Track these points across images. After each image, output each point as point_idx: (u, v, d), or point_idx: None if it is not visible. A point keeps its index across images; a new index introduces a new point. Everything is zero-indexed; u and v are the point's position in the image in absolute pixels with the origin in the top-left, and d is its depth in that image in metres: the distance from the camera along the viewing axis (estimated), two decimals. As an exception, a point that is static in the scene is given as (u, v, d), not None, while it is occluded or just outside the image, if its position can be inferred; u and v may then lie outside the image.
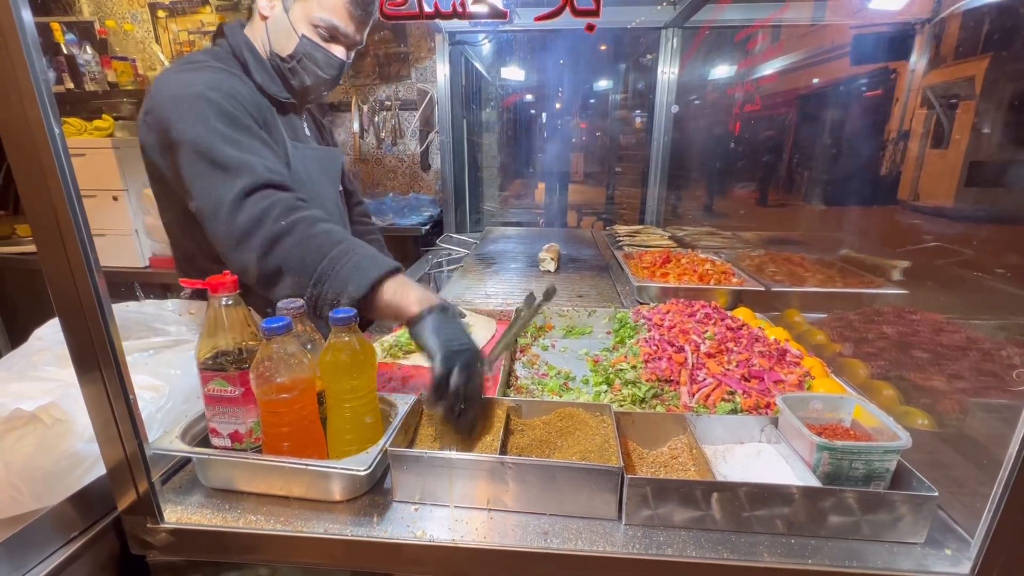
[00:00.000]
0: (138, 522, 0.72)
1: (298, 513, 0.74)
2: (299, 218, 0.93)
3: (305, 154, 1.24)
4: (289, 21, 1.13)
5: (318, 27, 1.13)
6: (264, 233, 0.91)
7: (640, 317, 1.34)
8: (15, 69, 0.53)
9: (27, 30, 0.53)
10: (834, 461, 0.73)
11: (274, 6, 1.14)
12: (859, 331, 1.22)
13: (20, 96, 0.54)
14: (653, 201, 2.89)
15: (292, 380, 0.73)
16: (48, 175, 0.57)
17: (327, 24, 1.13)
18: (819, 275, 1.66)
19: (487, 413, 0.86)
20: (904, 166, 1.71)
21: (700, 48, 2.83)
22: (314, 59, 1.16)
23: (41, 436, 0.70)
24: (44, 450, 0.70)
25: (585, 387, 1.09)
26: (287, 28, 1.14)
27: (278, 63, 1.18)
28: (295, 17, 1.13)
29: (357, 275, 0.89)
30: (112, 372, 0.65)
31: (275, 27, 1.15)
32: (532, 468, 0.73)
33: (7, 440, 0.69)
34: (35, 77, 0.54)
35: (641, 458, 0.86)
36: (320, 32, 1.14)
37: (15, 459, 0.69)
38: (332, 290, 0.89)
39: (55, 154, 0.57)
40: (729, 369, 0.99)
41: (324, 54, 1.16)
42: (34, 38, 0.54)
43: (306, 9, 1.12)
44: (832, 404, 0.86)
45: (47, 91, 0.55)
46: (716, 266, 1.71)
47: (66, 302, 0.62)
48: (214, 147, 0.95)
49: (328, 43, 1.16)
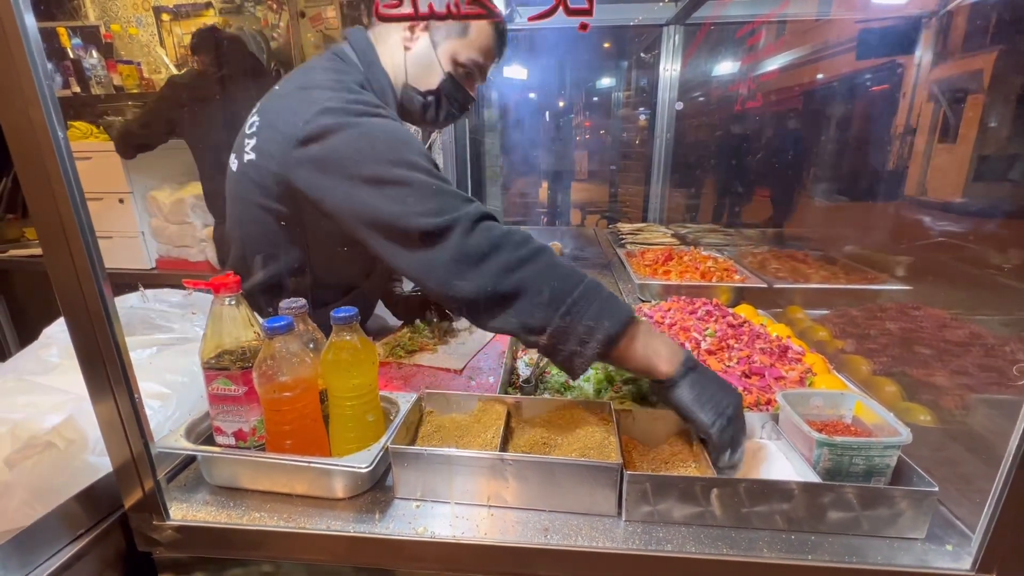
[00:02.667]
0: (144, 519, 0.73)
1: (301, 510, 0.75)
2: (540, 247, 0.83)
3: None
4: (436, 57, 1.08)
5: (462, 65, 1.09)
6: (505, 257, 0.80)
7: (642, 314, 1.34)
8: (19, 74, 0.54)
9: (30, 35, 0.54)
10: (834, 457, 0.73)
11: (417, 39, 1.08)
12: (862, 327, 1.21)
13: (24, 101, 0.55)
14: (656, 198, 2.89)
15: (294, 379, 0.74)
16: (53, 179, 0.58)
17: (473, 63, 1.09)
18: (822, 271, 1.65)
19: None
20: (911, 161, 1.70)
21: (702, 45, 2.82)
22: (453, 97, 1.12)
23: (56, 459, 0.72)
24: (59, 470, 0.72)
25: (587, 385, 1.09)
26: (432, 64, 1.08)
27: (412, 94, 1.12)
28: (442, 53, 1.08)
29: (613, 311, 0.79)
30: (118, 373, 0.66)
31: (416, 61, 1.09)
32: (532, 465, 0.73)
33: (25, 466, 0.71)
34: (39, 82, 0.55)
35: (641, 455, 0.86)
36: (459, 71, 1.10)
37: (32, 481, 0.70)
38: (585, 322, 0.78)
39: (59, 158, 0.57)
40: (730, 366, 0.99)
41: (463, 93, 1.13)
42: (37, 43, 0.55)
43: (455, 48, 1.07)
44: (833, 400, 0.86)
45: (51, 95, 0.56)
46: (718, 263, 1.70)
47: (71, 304, 0.63)
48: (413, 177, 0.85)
49: (465, 81, 1.12)
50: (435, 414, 0.91)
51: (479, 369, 1.18)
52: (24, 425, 0.71)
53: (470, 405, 0.91)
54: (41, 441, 0.70)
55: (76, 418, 0.73)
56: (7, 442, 0.69)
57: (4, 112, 0.56)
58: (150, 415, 0.85)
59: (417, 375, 1.16)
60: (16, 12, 0.52)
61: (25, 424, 0.71)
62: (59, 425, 0.72)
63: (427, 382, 1.13)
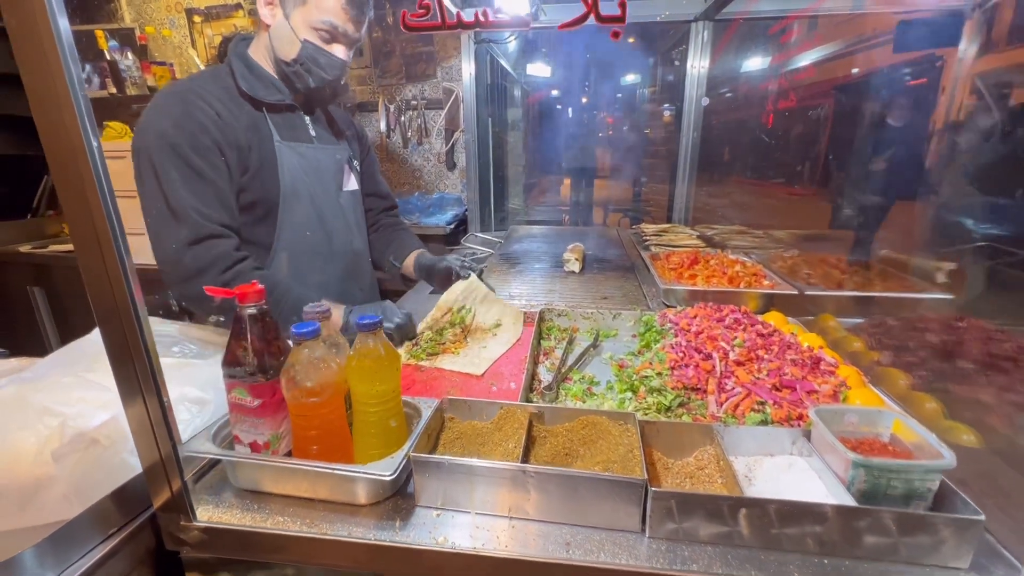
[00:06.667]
0: (172, 519, 0.75)
1: (323, 515, 0.76)
2: (240, 270, 1.13)
3: (300, 152, 1.31)
4: (290, 27, 1.19)
5: (319, 30, 1.18)
6: (209, 280, 1.08)
7: (667, 321, 1.31)
8: (53, 78, 0.55)
9: (64, 39, 0.55)
10: (871, 479, 0.70)
11: (275, 15, 1.20)
12: (899, 338, 1.16)
13: (59, 104, 0.56)
14: (681, 198, 2.83)
15: (320, 385, 0.75)
16: (87, 186, 0.59)
17: (327, 25, 1.17)
18: (856, 277, 1.59)
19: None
20: (951, 159, 1.62)
21: (732, 41, 2.75)
22: (316, 62, 1.21)
23: (99, 455, 0.74)
24: (100, 467, 0.74)
25: (609, 393, 1.07)
26: (289, 34, 1.19)
27: (283, 68, 1.24)
28: (296, 23, 1.18)
29: (294, 314, 1.06)
30: (147, 375, 0.67)
31: (278, 34, 1.21)
32: (554, 477, 0.72)
33: (70, 459, 0.73)
34: (72, 85, 0.56)
35: (666, 468, 0.84)
36: (321, 35, 1.19)
37: (74, 476, 0.73)
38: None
39: (92, 165, 0.59)
40: (759, 378, 0.96)
41: (326, 56, 1.21)
42: (71, 47, 0.56)
43: (305, 14, 1.17)
44: (869, 417, 0.82)
45: (84, 99, 0.57)
46: (746, 268, 1.66)
47: (103, 308, 0.64)
48: (168, 190, 1.10)
49: (329, 44, 1.21)
50: (456, 421, 0.91)
51: (500, 374, 1.17)
52: (74, 420, 0.73)
53: (491, 412, 0.90)
54: (87, 438, 0.72)
55: (119, 418, 0.75)
56: (57, 435, 0.72)
57: (39, 117, 0.57)
58: (188, 419, 0.87)
59: (438, 379, 1.16)
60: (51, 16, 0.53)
61: (75, 419, 0.74)
62: (104, 423, 0.74)
63: (448, 386, 1.13)
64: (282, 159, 1.27)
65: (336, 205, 1.43)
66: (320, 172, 1.37)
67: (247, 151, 1.21)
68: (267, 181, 1.25)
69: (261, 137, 1.24)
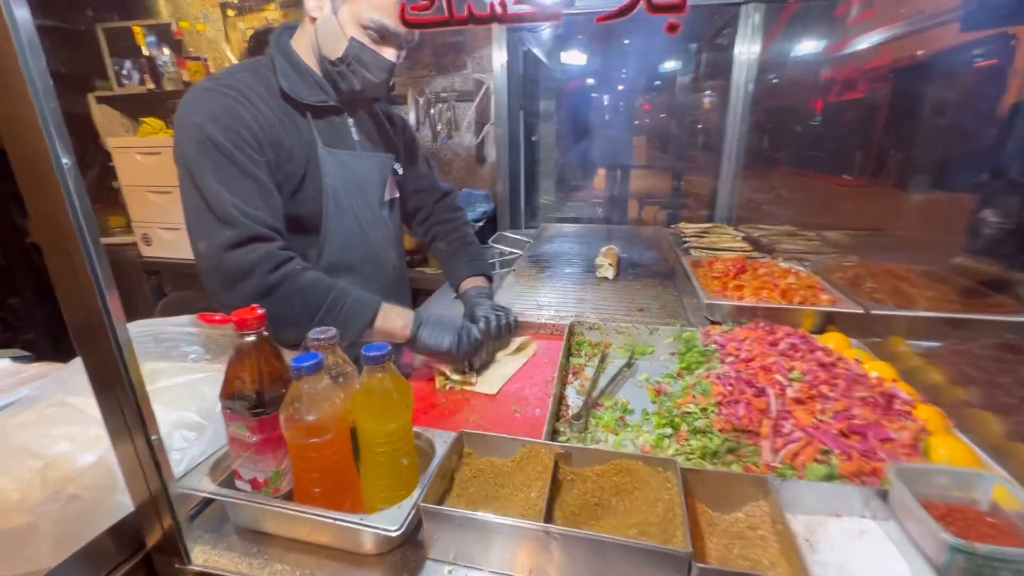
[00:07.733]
0: (166, 562, 0.70)
1: (325, 564, 0.69)
2: (288, 272, 1.03)
3: (342, 160, 1.20)
4: (338, 23, 1.08)
5: (368, 28, 1.07)
6: (253, 284, 0.99)
7: (711, 340, 1.18)
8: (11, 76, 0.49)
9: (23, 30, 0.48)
10: (972, 568, 0.57)
11: (323, 7, 1.09)
12: (987, 372, 1.00)
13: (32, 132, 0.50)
14: (725, 195, 2.64)
15: (322, 424, 0.67)
16: (59, 214, 0.53)
17: (377, 25, 1.06)
18: (929, 291, 1.41)
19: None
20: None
21: (787, 24, 2.53)
22: (363, 62, 1.10)
23: (81, 509, 0.69)
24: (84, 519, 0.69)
25: (646, 425, 0.96)
26: (336, 30, 1.09)
27: (328, 67, 1.13)
28: (344, 19, 1.07)
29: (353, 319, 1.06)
30: (134, 411, 0.61)
31: (324, 29, 1.10)
32: (581, 541, 0.63)
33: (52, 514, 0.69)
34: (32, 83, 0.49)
35: (711, 524, 0.73)
36: (370, 33, 1.08)
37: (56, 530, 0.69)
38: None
39: (66, 191, 0.52)
40: (823, 420, 0.83)
41: (374, 56, 1.10)
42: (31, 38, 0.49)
43: (355, 10, 1.06)
44: (963, 481, 0.69)
45: (52, 112, 0.51)
46: (801, 279, 1.49)
47: (87, 344, 0.58)
48: (207, 188, 1.00)
49: (378, 45, 1.10)
50: (474, 456, 0.83)
51: (524, 398, 1.08)
52: (56, 465, 0.68)
53: (512, 449, 0.81)
54: (67, 494, 0.67)
55: (107, 457, 0.70)
56: (36, 486, 0.67)
57: (9, 143, 0.51)
58: (184, 447, 0.82)
59: (452, 399, 1.08)
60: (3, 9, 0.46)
61: (57, 464, 0.68)
62: (90, 466, 0.69)
63: (464, 408, 1.05)
64: (326, 167, 1.16)
65: (379, 217, 1.32)
66: (363, 183, 1.26)
67: (288, 154, 1.11)
68: (309, 193, 1.15)
69: (303, 142, 1.13)
